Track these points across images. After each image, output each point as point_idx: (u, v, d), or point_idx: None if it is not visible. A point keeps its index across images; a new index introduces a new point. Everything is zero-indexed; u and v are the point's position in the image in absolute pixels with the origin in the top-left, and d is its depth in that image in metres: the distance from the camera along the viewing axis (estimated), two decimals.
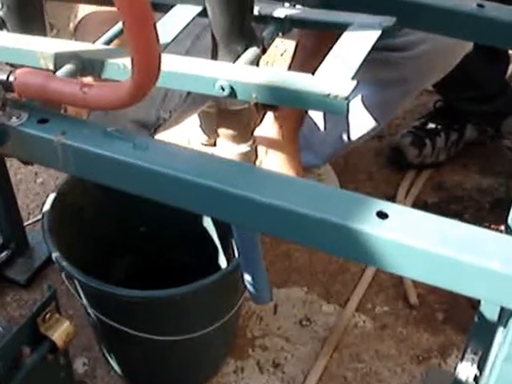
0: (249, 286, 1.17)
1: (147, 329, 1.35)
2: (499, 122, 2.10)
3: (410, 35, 1.54)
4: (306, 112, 1.59)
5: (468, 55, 1.62)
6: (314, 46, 1.38)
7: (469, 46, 1.57)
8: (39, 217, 1.40)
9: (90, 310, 1.38)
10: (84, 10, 1.36)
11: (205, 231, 1.56)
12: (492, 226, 1.80)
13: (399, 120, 2.17)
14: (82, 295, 1.37)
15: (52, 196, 1.43)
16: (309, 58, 1.40)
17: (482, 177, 2.03)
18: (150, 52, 0.67)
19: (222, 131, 0.94)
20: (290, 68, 1.49)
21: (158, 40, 0.67)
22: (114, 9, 0.63)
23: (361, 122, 1.70)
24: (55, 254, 1.31)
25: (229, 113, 0.92)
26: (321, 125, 1.75)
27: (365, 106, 1.68)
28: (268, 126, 1.51)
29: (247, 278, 1.15)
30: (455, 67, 1.63)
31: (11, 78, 0.79)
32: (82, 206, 1.51)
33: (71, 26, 1.41)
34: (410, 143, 2.03)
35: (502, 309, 0.88)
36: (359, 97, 1.66)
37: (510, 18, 0.95)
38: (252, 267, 1.13)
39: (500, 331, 0.83)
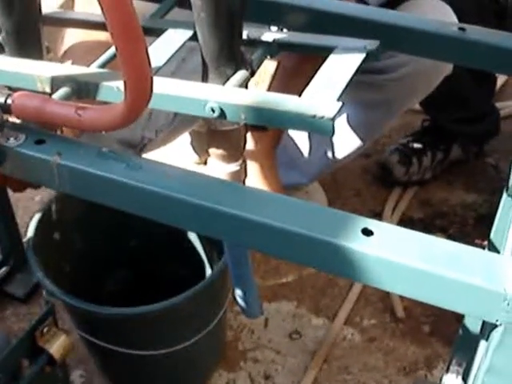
0: (240, 301, 1.19)
1: (124, 343, 1.37)
2: (483, 143, 2.14)
3: (392, 58, 1.56)
4: (285, 131, 1.60)
5: (458, 76, 1.65)
6: (294, 68, 1.40)
7: (448, 69, 1.60)
8: None
9: (78, 331, 1.41)
10: (72, 35, 1.38)
11: (191, 244, 1.59)
12: (476, 241, 1.83)
13: (385, 138, 2.20)
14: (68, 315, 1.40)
15: (38, 214, 1.44)
16: (289, 79, 1.43)
17: (466, 193, 2.07)
18: (142, 76, 0.69)
19: (212, 151, 0.96)
20: (270, 88, 1.51)
21: (150, 64, 0.70)
22: (99, 38, 0.66)
23: (346, 142, 1.73)
24: (39, 274, 1.33)
25: (219, 133, 0.94)
26: (306, 144, 1.77)
27: (350, 125, 1.70)
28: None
29: (238, 292, 1.17)
30: (445, 89, 1.66)
31: (9, 101, 0.81)
32: (70, 222, 1.52)
33: (61, 48, 1.43)
34: (397, 161, 2.06)
35: (484, 322, 0.90)
36: (344, 116, 1.69)
37: (489, 41, 0.97)
38: (243, 282, 1.15)
39: (482, 344, 0.85)
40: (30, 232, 1.41)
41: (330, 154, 1.74)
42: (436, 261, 0.66)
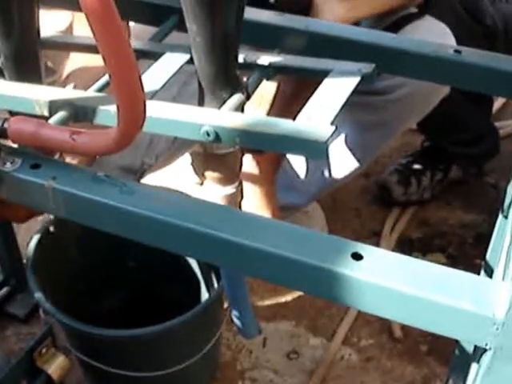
0: (236, 322, 1.20)
1: (119, 365, 1.38)
2: (483, 163, 2.15)
3: (389, 80, 1.57)
4: (284, 155, 1.61)
5: (455, 99, 1.65)
6: (293, 92, 1.41)
7: (445, 90, 1.60)
8: None
9: (72, 350, 1.41)
10: (75, 58, 1.39)
11: (189, 265, 1.59)
12: (475, 260, 1.84)
13: (385, 158, 2.20)
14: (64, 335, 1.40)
15: (37, 235, 1.45)
16: (288, 104, 1.43)
17: (465, 213, 2.06)
18: (134, 102, 0.69)
19: (208, 174, 0.96)
20: (269, 113, 1.52)
21: (142, 90, 0.70)
22: (102, 64, 0.67)
23: (344, 162, 1.73)
24: (36, 293, 1.34)
25: (215, 156, 0.94)
26: (304, 165, 1.78)
27: (347, 147, 1.71)
28: (246, 163, 1.54)
29: (235, 313, 1.18)
30: (442, 111, 1.66)
31: (5, 126, 0.82)
32: (70, 241, 1.53)
33: (65, 70, 1.44)
34: (396, 181, 2.06)
35: (476, 346, 0.91)
36: (342, 137, 1.69)
37: (485, 63, 0.98)
38: (239, 304, 1.16)
39: (473, 366, 0.85)
40: (30, 251, 1.41)
41: (328, 175, 1.75)
42: (425, 285, 0.66)
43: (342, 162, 1.72)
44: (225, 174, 0.97)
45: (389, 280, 0.67)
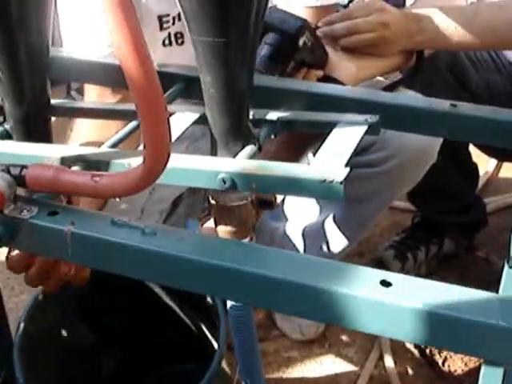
0: None
1: None
2: (473, 234, 2.17)
3: (379, 152, 1.59)
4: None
5: (443, 169, 1.67)
6: (275, 152, 1.42)
7: (434, 156, 1.62)
8: None
9: None
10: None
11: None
12: None
13: (376, 238, 2.21)
14: None
15: (22, 324, 1.44)
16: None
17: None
18: (161, 137, 0.70)
19: (220, 228, 0.96)
20: None
21: (169, 126, 0.71)
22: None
23: (340, 236, 1.74)
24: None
25: (227, 209, 0.95)
26: (301, 242, 1.79)
27: (343, 221, 1.72)
28: None
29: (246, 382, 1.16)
30: (431, 181, 1.68)
31: (23, 173, 0.82)
32: (55, 321, 1.52)
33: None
34: (393, 256, 2.07)
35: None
36: (337, 212, 1.71)
37: (479, 114, 1.02)
38: (250, 370, 1.14)
39: None
40: (17, 336, 1.41)
41: (325, 249, 1.75)
42: (455, 306, 0.67)
43: (339, 236, 1.73)
44: (237, 228, 0.96)
45: (420, 303, 0.67)
